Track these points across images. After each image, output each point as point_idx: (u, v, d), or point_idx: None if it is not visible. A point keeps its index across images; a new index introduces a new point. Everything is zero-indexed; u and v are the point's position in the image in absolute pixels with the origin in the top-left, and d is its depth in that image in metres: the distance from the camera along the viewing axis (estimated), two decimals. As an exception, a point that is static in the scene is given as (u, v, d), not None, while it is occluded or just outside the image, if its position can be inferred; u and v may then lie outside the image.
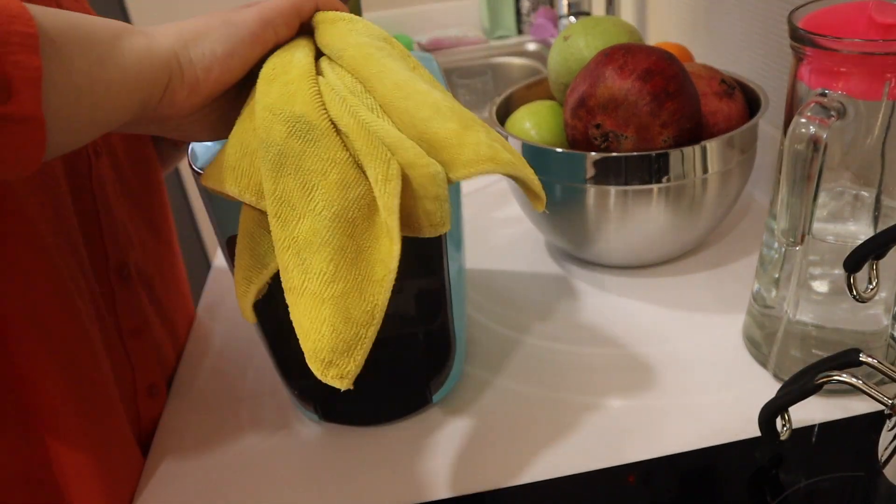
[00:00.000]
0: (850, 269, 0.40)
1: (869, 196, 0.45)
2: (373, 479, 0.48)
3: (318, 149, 0.35)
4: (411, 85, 0.36)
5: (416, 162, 0.35)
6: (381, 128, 0.35)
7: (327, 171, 0.35)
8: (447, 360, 0.52)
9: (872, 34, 0.40)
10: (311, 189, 0.35)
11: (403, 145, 0.35)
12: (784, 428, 0.44)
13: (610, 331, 0.59)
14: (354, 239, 0.35)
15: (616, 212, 0.60)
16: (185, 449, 0.53)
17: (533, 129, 0.66)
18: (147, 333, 0.55)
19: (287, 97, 0.36)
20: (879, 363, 0.39)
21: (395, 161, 0.35)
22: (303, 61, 0.37)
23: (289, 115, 0.35)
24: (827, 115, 0.40)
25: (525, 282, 0.67)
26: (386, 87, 0.36)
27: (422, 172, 0.35)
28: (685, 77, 0.57)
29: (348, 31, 0.39)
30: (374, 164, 0.35)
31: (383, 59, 0.37)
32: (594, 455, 0.47)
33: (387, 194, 0.34)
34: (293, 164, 0.35)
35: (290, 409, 0.55)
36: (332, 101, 0.36)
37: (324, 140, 0.35)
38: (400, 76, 0.36)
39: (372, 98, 0.37)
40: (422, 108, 0.35)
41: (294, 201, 0.35)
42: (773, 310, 0.51)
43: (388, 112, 0.36)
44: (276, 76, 0.37)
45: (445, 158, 0.35)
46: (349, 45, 0.38)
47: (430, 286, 0.50)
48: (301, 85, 0.36)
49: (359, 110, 0.36)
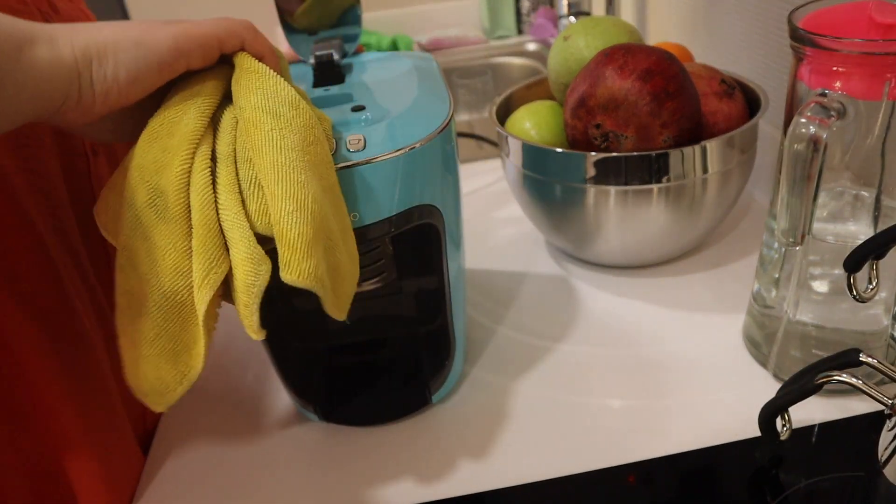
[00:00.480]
0: (850, 269, 0.40)
1: (869, 196, 0.45)
2: (373, 479, 0.48)
3: (166, 229, 0.36)
4: (287, 170, 0.35)
5: (240, 265, 0.36)
6: (227, 218, 0.36)
7: (167, 253, 0.36)
8: (447, 360, 0.52)
9: (872, 34, 0.40)
10: (155, 262, 0.36)
11: (238, 245, 0.36)
12: (784, 428, 0.44)
13: (610, 331, 0.59)
14: (181, 316, 0.37)
15: (616, 212, 0.60)
16: (185, 449, 0.53)
17: (533, 129, 0.66)
18: None
19: (158, 166, 0.36)
20: (879, 363, 0.39)
21: (216, 271, 0.36)
22: (190, 125, 0.36)
23: (153, 186, 0.36)
24: (827, 115, 0.40)
25: (525, 282, 0.67)
26: (264, 164, 0.36)
27: (241, 277, 0.36)
28: (685, 77, 0.57)
29: (255, 89, 0.37)
30: (196, 267, 0.36)
31: (273, 131, 0.36)
32: (594, 455, 0.47)
33: (198, 299, 0.36)
34: (143, 232, 0.36)
35: (290, 409, 0.55)
36: (198, 183, 0.36)
37: (173, 224, 0.36)
38: (281, 156, 0.36)
39: (253, 171, 0.36)
40: (287, 199, 0.35)
41: (139, 264, 0.37)
42: (773, 310, 0.51)
43: (263, 189, 0.36)
44: (159, 135, 0.37)
45: (286, 257, 0.35)
46: (248, 106, 0.37)
47: (429, 286, 0.50)
48: (175, 158, 0.36)
49: (223, 193, 0.36)
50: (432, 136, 0.42)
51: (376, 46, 1.32)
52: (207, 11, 1.52)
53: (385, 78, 0.50)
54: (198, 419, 0.56)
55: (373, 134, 0.41)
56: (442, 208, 0.45)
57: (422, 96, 0.46)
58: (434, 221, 0.45)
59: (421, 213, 0.44)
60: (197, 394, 0.58)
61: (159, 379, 0.38)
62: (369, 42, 1.32)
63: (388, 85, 0.48)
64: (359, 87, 0.48)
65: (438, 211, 0.45)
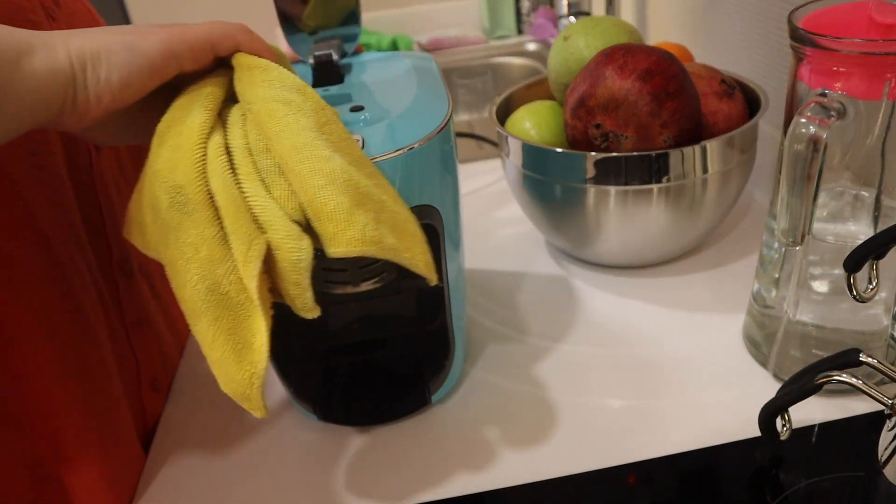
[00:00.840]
0: (850, 269, 0.40)
1: (869, 196, 0.45)
2: (373, 479, 0.48)
3: (192, 223, 0.35)
4: (310, 149, 0.35)
5: (282, 245, 0.35)
6: (257, 202, 0.35)
7: (199, 247, 0.36)
8: (446, 360, 0.52)
9: (872, 34, 0.40)
10: (188, 261, 0.36)
11: (275, 225, 0.35)
12: (784, 428, 0.44)
13: (610, 331, 0.59)
14: (230, 310, 0.36)
15: (616, 212, 0.60)
16: (185, 449, 0.53)
17: (533, 129, 0.66)
18: (149, 326, 0.56)
19: (171, 165, 0.36)
20: (879, 363, 0.39)
21: (258, 242, 0.35)
22: (195, 121, 0.36)
23: (171, 185, 0.35)
24: (827, 115, 0.40)
25: (525, 282, 0.67)
26: (284, 149, 0.35)
27: (285, 256, 0.35)
28: (685, 77, 0.57)
29: (260, 82, 0.37)
30: (236, 244, 0.35)
31: (288, 116, 0.36)
32: (594, 455, 0.47)
33: (246, 275, 0.35)
34: (174, 235, 0.36)
35: (289, 410, 0.55)
36: (216, 169, 0.36)
37: (196, 214, 0.35)
38: (301, 138, 0.35)
39: (271, 159, 0.36)
40: (316, 175, 0.35)
41: (178, 269, 0.36)
42: (773, 310, 0.51)
43: (286, 173, 0.36)
44: (167, 136, 0.36)
45: (329, 231, 0.35)
46: (257, 99, 0.37)
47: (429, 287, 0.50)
48: (187, 152, 0.36)
49: (246, 181, 0.36)
50: (431, 136, 0.42)
51: (376, 46, 1.32)
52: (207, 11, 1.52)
53: (384, 78, 0.49)
54: (198, 419, 0.56)
55: (371, 134, 0.41)
56: (441, 209, 0.45)
57: (421, 96, 0.46)
58: (433, 222, 0.45)
59: (420, 213, 0.43)
60: (197, 393, 0.58)
61: (234, 382, 0.37)
62: (369, 42, 1.32)
63: (387, 85, 0.48)
64: (358, 88, 0.48)
65: (437, 212, 0.45)
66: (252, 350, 0.37)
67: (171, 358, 0.61)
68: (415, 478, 0.48)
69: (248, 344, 0.37)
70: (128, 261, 0.53)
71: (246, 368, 0.37)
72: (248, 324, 0.36)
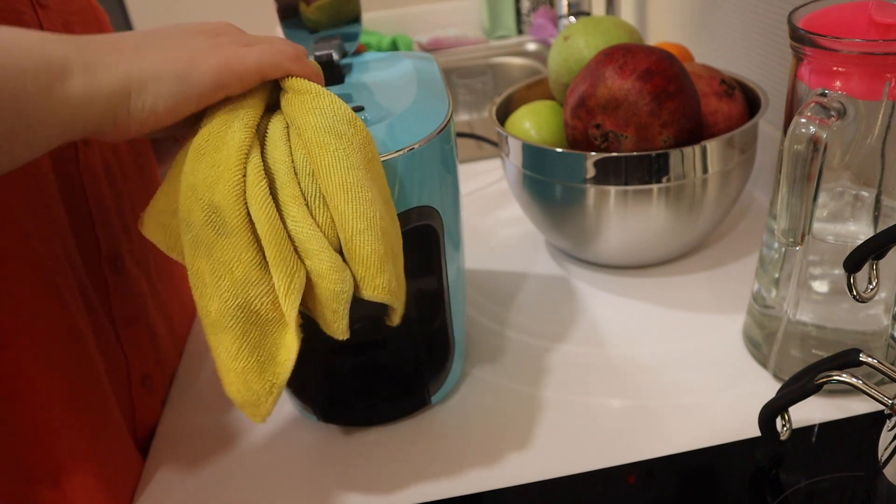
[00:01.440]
0: (850, 269, 0.40)
1: (869, 196, 0.45)
2: (373, 479, 0.48)
3: (228, 244, 0.36)
4: (356, 190, 0.36)
5: (326, 275, 0.36)
6: (302, 229, 0.36)
7: (233, 267, 0.36)
8: (446, 360, 0.52)
9: (872, 34, 0.40)
10: (220, 277, 0.36)
11: (320, 255, 0.36)
12: (784, 428, 0.44)
13: (610, 331, 0.59)
14: (259, 326, 0.37)
15: (616, 212, 0.60)
16: (184, 449, 0.53)
17: (533, 129, 0.66)
18: (142, 323, 0.55)
19: (209, 182, 0.36)
20: (879, 363, 0.39)
21: (299, 274, 0.36)
22: (236, 138, 0.36)
23: (207, 203, 0.36)
24: (827, 115, 0.40)
25: (525, 282, 0.67)
26: (332, 184, 0.36)
27: (327, 287, 0.36)
28: (685, 77, 0.57)
29: (311, 109, 0.37)
30: (278, 275, 0.36)
31: (338, 151, 0.36)
32: (594, 455, 0.47)
33: (287, 306, 0.36)
34: (206, 250, 0.36)
35: (289, 410, 0.55)
36: (256, 194, 0.36)
37: (234, 237, 0.36)
38: (350, 177, 0.36)
39: (316, 185, 0.37)
40: (359, 218, 0.36)
41: (206, 281, 0.37)
42: (773, 310, 0.51)
43: (329, 206, 0.36)
44: (206, 151, 0.36)
45: (360, 274, 0.36)
46: (308, 127, 0.37)
47: (429, 287, 0.50)
48: (226, 172, 0.36)
49: (290, 205, 0.36)
50: (431, 136, 0.42)
51: (376, 46, 1.32)
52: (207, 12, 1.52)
53: (385, 78, 0.49)
54: (198, 419, 0.56)
55: (372, 134, 0.41)
56: (441, 210, 0.45)
57: (421, 97, 0.46)
58: (433, 223, 0.45)
59: (420, 214, 0.44)
60: (196, 394, 0.58)
61: (250, 391, 0.38)
62: (369, 42, 1.32)
63: (388, 85, 0.48)
64: (358, 88, 0.48)
65: (437, 212, 0.45)
66: (276, 363, 0.38)
67: (167, 356, 0.60)
68: (414, 478, 0.48)
69: (272, 357, 0.38)
70: (118, 256, 0.52)
71: (268, 379, 0.38)
72: (275, 339, 0.37)
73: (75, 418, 0.45)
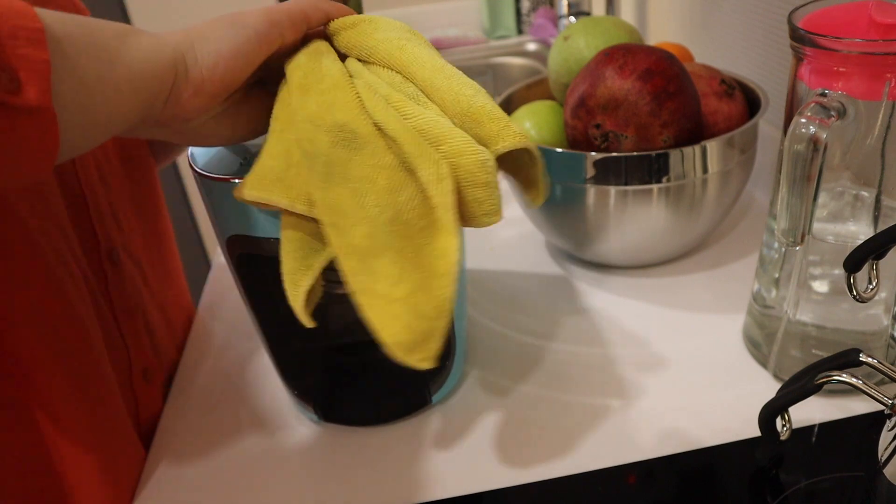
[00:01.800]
0: (850, 269, 0.40)
1: (869, 196, 0.45)
2: (373, 479, 0.48)
3: (364, 156, 0.35)
4: (450, 68, 0.38)
5: (466, 150, 0.36)
6: (426, 120, 0.36)
7: (375, 178, 0.35)
8: (447, 360, 0.52)
9: (872, 34, 0.40)
10: (363, 196, 0.35)
11: (451, 134, 0.36)
12: (784, 428, 0.44)
13: (610, 331, 0.59)
14: (411, 239, 0.36)
15: (616, 212, 0.60)
16: (185, 449, 0.53)
17: (533, 129, 0.66)
18: (140, 315, 0.55)
19: (326, 106, 0.36)
20: (879, 363, 0.39)
21: (443, 161, 0.35)
22: (332, 68, 0.38)
23: (331, 125, 0.35)
24: (827, 115, 0.40)
25: (525, 282, 0.67)
26: (426, 71, 0.37)
27: (471, 160, 0.36)
28: (685, 77, 0.57)
29: (374, 30, 0.39)
30: (425, 166, 0.35)
31: (416, 47, 0.38)
32: (594, 455, 0.47)
33: (441, 193, 0.35)
34: (341, 173, 0.35)
35: (290, 410, 0.55)
36: (372, 103, 0.36)
37: (369, 147, 0.36)
38: (437, 60, 0.38)
39: (413, 85, 0.38)
40: (465, 86, 0.37)
41: (347, 209, 0.36)
42: (773, 310, 0.51)
43: (430, 95, 0.37)
44: (309, 86, 0.37)
45: (494, 129, 0.36)
46: (379, 42, 0.39)
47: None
48: (338, 93, 0.36)
49: (404, 106, 0.36)
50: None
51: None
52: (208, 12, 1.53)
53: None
54: (198, 419, 0.56)
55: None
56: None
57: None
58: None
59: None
60: (197, 393, 0.58)
61: (422, 317, 0.36)
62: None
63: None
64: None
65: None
66: (438, 276, 0.36)
67: (164, 349, 0.60)
68: (415, 478, 0.48)
69: (433, 271, 0.36)
70: (114, 249, 0.52)
71: (437, 294, 0.36)
72: (431, 249, 0.36)
73: (79, 408, 0.45)
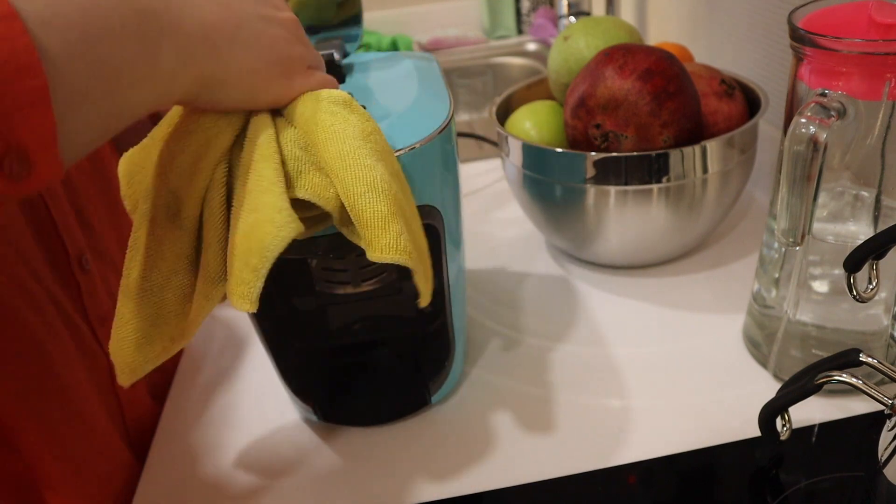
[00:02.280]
0: (850, 269, 0.40)
1: (869, 196, 0.45)
2: (372, 479, 0.48)
3: (174, 234, 0.38)
4: (353, 157, 0.37)
5: (261, 226, 0.35)
6: (263, 179, 0.36)
7: (167, 253, 0.38)
8: (447, 360, 0.52)
9: (872, 34, 0.40)
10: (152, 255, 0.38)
11: (263, 209, 0.36)
12: (784, 428, 0.44)
13: (610, 331, 0.59)
14: (162, 314, 0.40)
15: (616, 212, 0.60)
16: (184, 449, 0.53)
17: (533, 129, 0.66)
18: None
19: (186, 174, 0.38)
20: (879, 363, 0.39)
21: (222, 284, 0.38)
22: (223, 146, 0.38)
23: (173, 191, 0.38)
24: (827, 115, 0.40)
25: (525, 282, 0.67)
26: (330, 155, 0.37)
27: (259, 238, 0.35)
28: (685, 77, 0.57)
29: (305, 98, 0.39)
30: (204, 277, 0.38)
31: (335, 125, 0.37)
32: (594, 455, 0.47)
33: (198, 308, 0.39)
34: (151, 228, 0.38)
35: (290, 410, 0.55)
36: (214, 196, 0.38)
37: (182, 231, 0.38)
38: (346, 146, 0.37)
39: (309, 156, 0.38)
40: (358, 182, 0.36)
41: (140, 250, 0.38)
42: (773, 310, 0.51)
43: (330, 177, 0.37)
44: (191, 140, 0.38)
45: (367, 237, 0.36)
46: (306, 110, 0.38)
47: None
48: (201, 172, 0.37)
49: (257, 162, 0.37)
50: (432, 136, 0.42)
51: (376, 46, 1.32)
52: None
53: (386, 78, 0.49)
54: (198, 419, 0.56)
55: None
56: (441, 209, 0.45)
57: (422, 96, 0.46)
58: (434, 222, 0.45)
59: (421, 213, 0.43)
60: (196, 394, 0.58)
61: (141, 352, 0.39)
62: (369, 42, 1.32)
63: (389, 85, 0.48)
64: (360, 88, 0.48)
65: (438, 212, 0.45)
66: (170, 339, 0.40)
67: None
68: (415, 478, 0.48)
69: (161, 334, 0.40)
70: (83, 255, 0.51)
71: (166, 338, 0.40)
72: (173, 325, 0.40)
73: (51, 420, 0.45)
